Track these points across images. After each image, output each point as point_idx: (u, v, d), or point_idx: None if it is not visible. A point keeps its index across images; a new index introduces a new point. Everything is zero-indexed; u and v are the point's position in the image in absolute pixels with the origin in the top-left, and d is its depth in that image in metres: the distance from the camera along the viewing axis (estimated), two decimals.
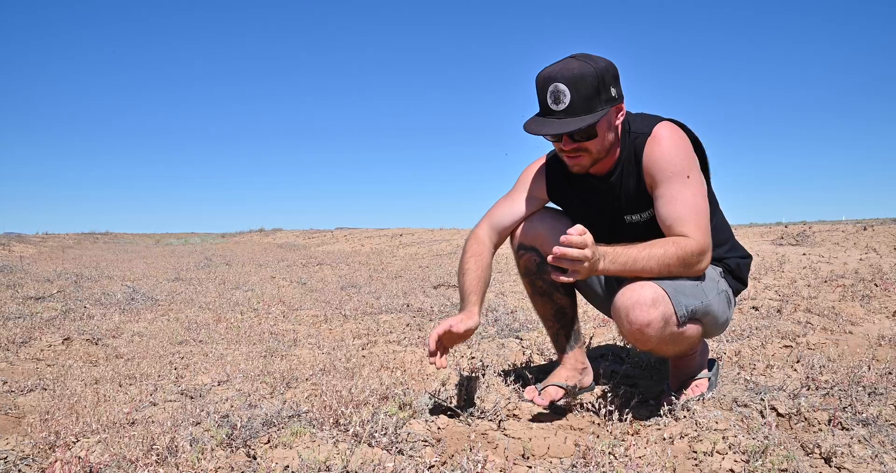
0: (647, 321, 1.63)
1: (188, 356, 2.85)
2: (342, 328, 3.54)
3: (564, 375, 2.07)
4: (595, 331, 3.09)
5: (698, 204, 1.72)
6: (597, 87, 1.66)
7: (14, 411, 2.05)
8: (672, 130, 1.76)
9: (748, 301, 3.81)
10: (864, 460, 1.47)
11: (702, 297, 1.75)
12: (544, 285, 2.01)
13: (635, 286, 1.67)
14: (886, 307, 3.48)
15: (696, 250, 1.69)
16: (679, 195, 1.71)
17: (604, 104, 1.67)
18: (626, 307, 1.65)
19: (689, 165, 1.73)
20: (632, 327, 1.65)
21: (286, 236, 18.01)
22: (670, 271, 1.68)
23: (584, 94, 1.65)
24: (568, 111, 1.67)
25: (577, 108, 1.66)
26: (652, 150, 1.74)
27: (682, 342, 1.76)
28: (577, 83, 1.65)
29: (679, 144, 1.74)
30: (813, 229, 9.27)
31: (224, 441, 1.59)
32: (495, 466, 1.52)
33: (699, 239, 1.69)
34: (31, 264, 8.63)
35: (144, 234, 22.71)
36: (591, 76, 1.65)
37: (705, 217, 1.73)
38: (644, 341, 1.68)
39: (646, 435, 1.69)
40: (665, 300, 1.65)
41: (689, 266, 1.70)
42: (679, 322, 1.68)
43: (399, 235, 14.64)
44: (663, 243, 1.69)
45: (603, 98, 1.67)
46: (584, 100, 1.65)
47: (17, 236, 16.41)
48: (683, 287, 1.71)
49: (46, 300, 4.68)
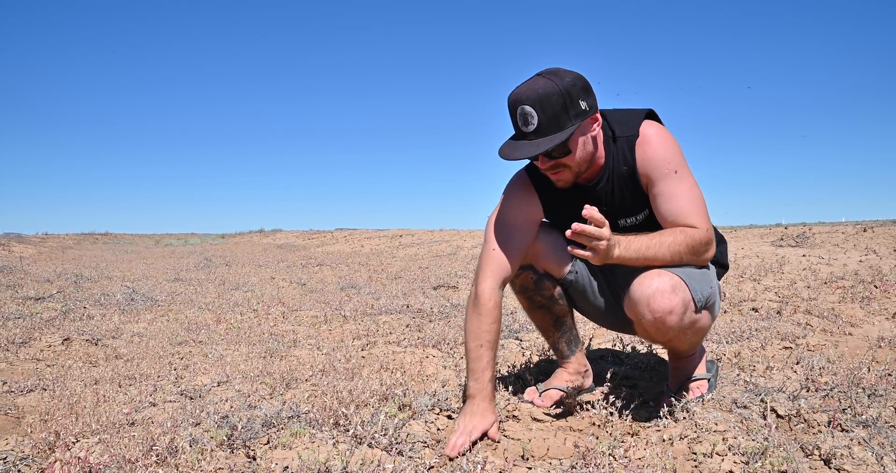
0: (669, 307, 1.64)
1: (188, 356, 2.85)
2: (342, 329, 3.54)
3: (566, 378, 2.07)
4: (595, 332, 3.09)
5: (697, 196, 1.76)
6: (563, 104, 1.63)
7: (14, 411, 2.05)
8: (657, 127, 1.77)
9: (748, 303, 3.81)
10: (864, 461, 1.47)
11: (711, 283, 1.80)
12: (542, 299, 2.00)
13: (652, 275, 1.68)
14: (886, 309, 3.48)
15: (703, 238, 1.73)
16: (678, 190, 1.74)
17: (573, 119, 1.64)
18: (646, 296, 1.66)
19: (681, 160, 1.76)
20: (654, 315, 1.66)
21: (286, 237, 18.01)
22: (681, 258, 1.71)
23: (550, 113, 1.62)
24: (537, 132, 1.64)
25: (545, 128, 1.63)
26: (644, 151, 1.74)
27: (698, 332, 1.79)
28: (542, 103, 1.62)
29: (668, 140, 1.76)
30: (813, 230, 9.28)
31: (224, 442, 1.59)
32: (495, 467, 1.52)
33: (705, 228, 1.74)
34: (31, 264, 8.64)
35: (144, 234, 22.74)
36: (556, 94, 1.62)
37: (705, 208, 1.77)
38: (664, 331, 1.69)
39: (645, 437, 1.69)
40: (683, 286, 1.68)
41: (698, 254, 1.74)
42: (696, 308, 1.71)
43: (399, 236, 14.64)
44: (672, 232, 1.72)
45: (572, 114, 1.64)
46: (552, 119, 1.63)
47: (17, 236, 16.41)
48: (693, 274, 1.74)
49: (46, 300, 4.68)
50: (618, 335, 2.90)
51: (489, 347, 1.76)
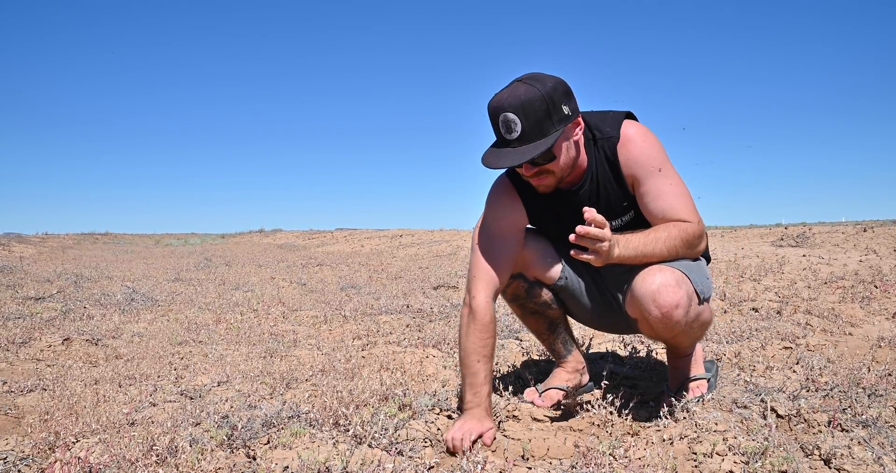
0: (675, 301, 1.64)
1: (188, 356, 2.86)
2: (342, 329, 3.54)
3: (564, 377, 2.08)
4: (595, 332, 3.09)
5: (684, 191, 1.77)
6: (546, 110, 1.60)
7: (14, 411, 2.05)
8: (638, 127, 1.77)
9: (748, 303, 3.81)
10: (864, 462, 1.47)
11: (707, 274, 1.82)
12: (535, 305, 2.00)
13: (653, 271, 1.68)
14: (886, 309, 3.48)
15: (697, 231, 1.75)
16: (665, 188, 1.74)
17: (557, 125, 1.63)
18: (652, 292, 1.65)
19: (663, 157, 1.76)
20: (661, 310, 1.66)
21: (286, 237, 18.01)
22: (677, 252, 1.72)
23: (533, 119, 1.60)
24: (521, 139, 1.62)
25: (529, 134, 1.61)
26: (629, 150, 1.74)
27: (703, 325, 1.80)
28: (525, 110, 1.59)
29: (649, 139, 1.76)
30: (813, 230, 9.28)
31: (224, 442, 1.59)
32: (495, 467, 1.52)
33: (696, 221, 1.75)
34: (31, 264, 8.64)
35: (144, 234, 22.74)
36: (539, 100, 1.60)
37: (693, 202, 1.78)
38: (671, 326, 1.69)
39: (645, 437, 1.69)
40: (685, 279, 1.69)
41: (693, 247, 1.76)
42: (700, 300, 1.72)
43: (399, 236, 14.64)
44: (666, 227, 1.72)
45: (555, 119, 1.62)
46: (535, 125, 1.60)
47: (17, 236, 16.41)
48: (691, 267, 1.76)
49: (46, 300, 4.68)
50: (618, 336, 2.90)
51: (486, 361, 1.77)
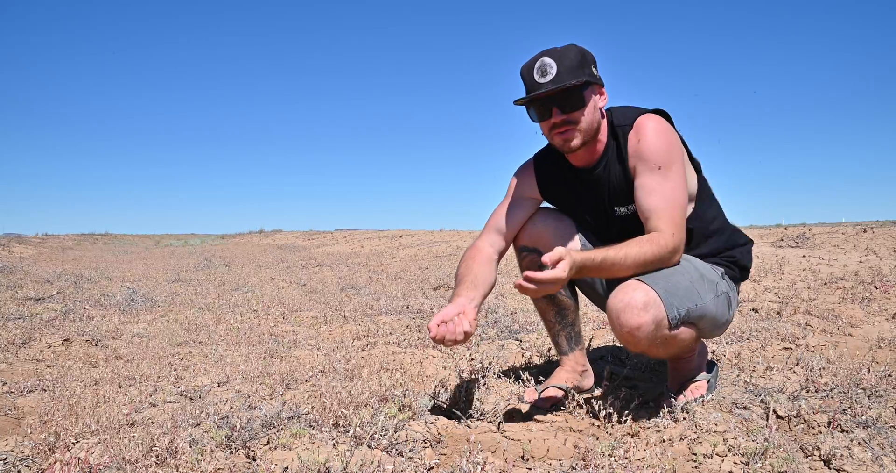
0: (637, 324, 1.63)
1: (188, 357, 2.85)
2: (342, 330, 3.54)
3: (564, 377, 2.08)
4: (595, 333, 3.09)
5: (676, 198, 1.73)
6: (580, 61, 1.74)
7: (14, 412, 2.05)
8: (657, 121, 1.77)
9: (748, 303, 3.81)
10: (864, 462, 1.47)
11: (696, 299, 1.72)
12: None
13: (627, 288, 1.66)
14: (886, 310, 3.48)
15: (671, 247, 1.71)
16: (658, 187, 1.73)
17: (589, 77, 1.75)
18: (617, 310, 1.65)
19: (671, 158, 1.74)
20: (622, 329, 1.65)
21: (286, 238, 18.00)
22: (646, 269, 1.70)
23: (568, 65, 1.72)
24: (555, 81, 1.72)
25: (563, 76, 1.72)
26: (636, 141, 1.76)
27: (674, 346, 1.75)
28: (561, 57, 1.73)
29: (662, 135, 1.75)
30: (813, 231, 9.28)
31: (223, 443, 1.59)
32: (495, 468, 1.52)
33: (673, 234, 1.71)
34: (31, 265, 8.63)
35: (144, 235, 22.72)
36: (575, 52, 1.75)
37: (682, 212, 1.74)
38: (635, 343, 1.68)
39: (645, 437, 1.69)
40: (657, 303, 1.64)
41: (664, 262, 1.73)
42: (671, 326, 1.67)
43: (399, 236, 14.64)
44: (639, 242, 1.70)
45: (587, 72, 1.75)
46: (570, 70, 1.73)
47: (17, 236, 16.41)
48: (677, 288, 1.69)
49: (46, 300, 4.68)
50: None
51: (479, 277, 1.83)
